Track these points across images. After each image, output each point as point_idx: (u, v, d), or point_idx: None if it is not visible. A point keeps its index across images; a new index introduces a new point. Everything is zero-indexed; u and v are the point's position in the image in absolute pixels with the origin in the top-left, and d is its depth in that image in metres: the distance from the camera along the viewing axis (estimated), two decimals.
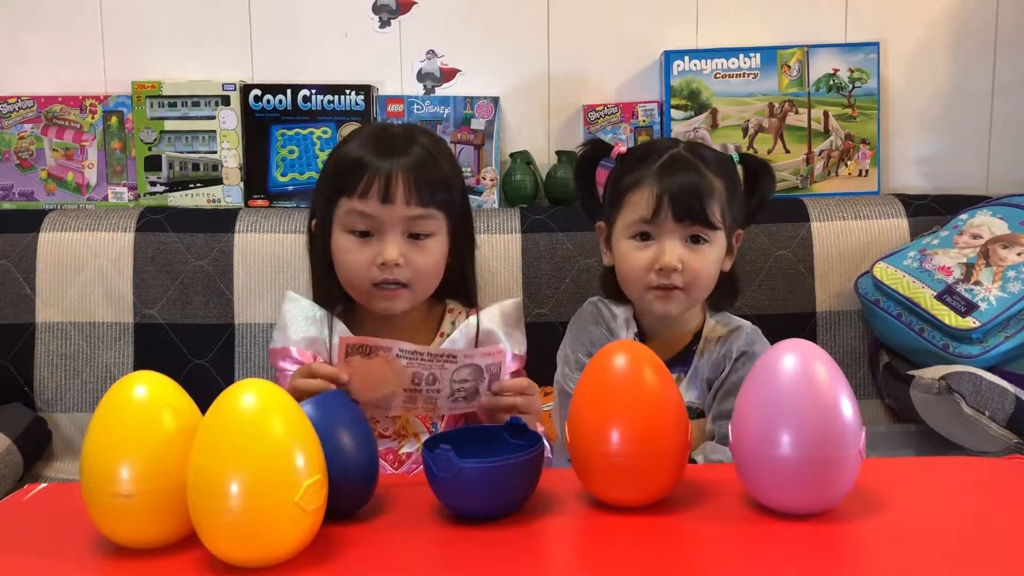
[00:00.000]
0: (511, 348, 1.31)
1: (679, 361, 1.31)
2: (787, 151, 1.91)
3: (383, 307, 1.28)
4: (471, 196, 1.89)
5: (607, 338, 1.31)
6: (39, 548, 0.85)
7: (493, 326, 1.30)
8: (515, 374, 1.33)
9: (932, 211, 1.80)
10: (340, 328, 1.29)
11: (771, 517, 0.85)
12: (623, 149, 1.34)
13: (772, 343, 0.93)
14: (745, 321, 1.35)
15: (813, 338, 1.72)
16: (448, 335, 1.32)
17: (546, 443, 1.37)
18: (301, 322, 1.29)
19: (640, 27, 1.95)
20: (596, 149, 1.37)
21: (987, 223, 1.66)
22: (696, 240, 1.25)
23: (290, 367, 1.25)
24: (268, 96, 1.91)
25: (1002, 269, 1.57)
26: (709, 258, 1.26)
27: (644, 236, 1.26)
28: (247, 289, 1.75)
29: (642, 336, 1.33)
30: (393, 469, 1.28)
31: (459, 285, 1.36)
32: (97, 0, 1.95)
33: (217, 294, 1.75)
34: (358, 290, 1.28)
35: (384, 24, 1.96)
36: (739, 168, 1.35)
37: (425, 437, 1.30)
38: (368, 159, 1.25)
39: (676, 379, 1.28)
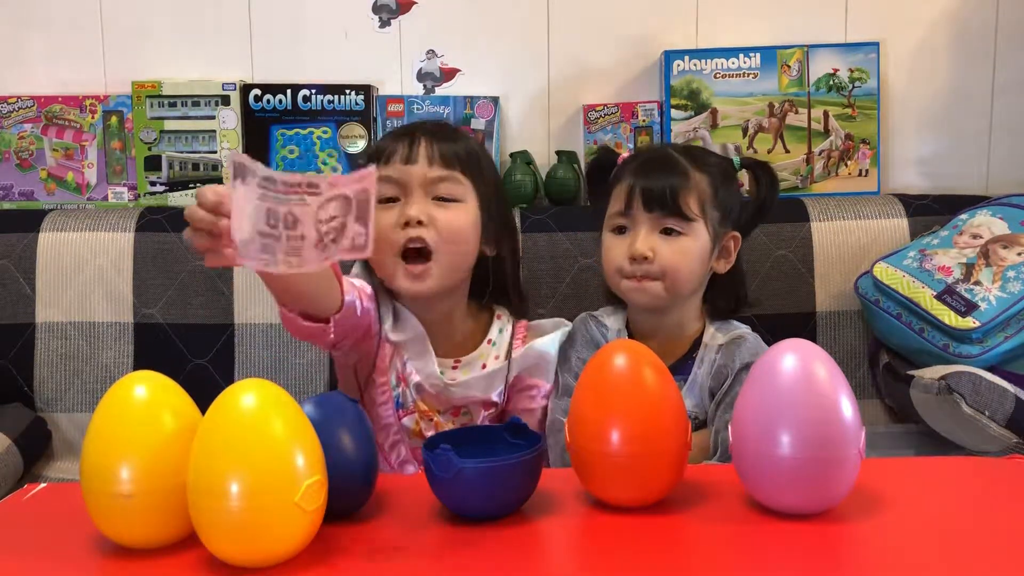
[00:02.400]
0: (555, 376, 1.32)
1: (677, 370, 1.29)
2: (787, 151, 1.91)
3: (408, 287, 1.22)
4: None
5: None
6: (39, 548, 0.85)
7: (552, 352, 1.32)
8: (547, 404, 1.33)
9: (932, 211, 1.80)
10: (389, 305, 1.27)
11: (771, 517, 0.85)
12: (626, 155, 1.36)
13: (772, 344, 0.92)
14: (747, 328, 1.33)
15: (813, 338, 1.72)
16: (495, 342, 1.32)
17: None
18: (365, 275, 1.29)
19: (640, 27, 1.95)
20: (605, 156, 1.39)
21: (987, 223, 1.66)
22: (670, 231, 1.25)
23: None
24: (268, 96, 1.91)
25: (1002, 269, 1.57)
26: (684, 249, 1.25)
27: (621, 228, 1.28)
28: (247, 289, 1.75)
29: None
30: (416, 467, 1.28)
31: (503, 290, 1.34)
32: (97, 0, 1.95)
33: (217, 294, 1.75)
34: (385, 265, 1.22)
35: (384, 24, 1.96)
36: (744, 172, 1.35)
37: None
38: (404, 129, 1.28)
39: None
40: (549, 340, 1.32)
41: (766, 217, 1.36)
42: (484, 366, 1.30)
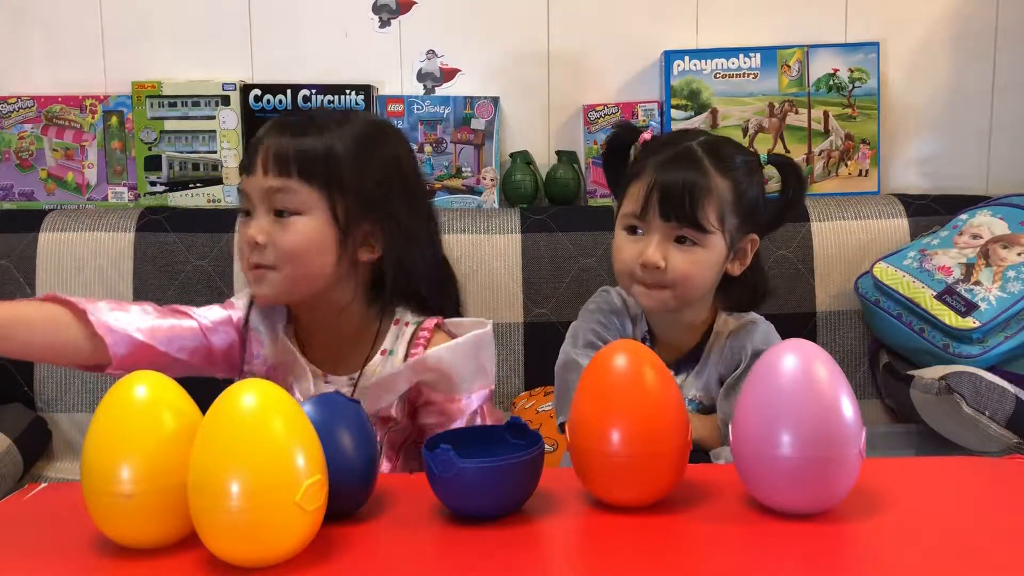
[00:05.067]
0: (475, 387, 1.16)
1: (690, 359, 1.28)
2: (787, 151, 1.91)
3: (254, 293, 1.16)
4: (471, 196, 1.90)
5: (618, 328, 1.29)
6: (39, 548, 0.85)
7: (454, 367, 1.14)
8: (477, 412, 1.18)
9: (932, 211, 1.80)
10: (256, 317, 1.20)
11: (771, 517, 0.85)
12: (649, 136, 1.29)
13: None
14: (758, 316, 1.30)
15: (813, 338, 1.72)
16: (391, 351, 1.17)
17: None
18: (242, 294, 1.23)
19: (640, 27, 1.95)
20: (625, 133, 1.32)
21: (987, 223, 1.66)
22: (684, 240, 1.20)
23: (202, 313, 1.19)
24: (268, 96, 1.91)
25: (1002, 269, 1.57)
26: (698, 260, 1.20)
27: (635, 229, 1.22)
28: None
29: (651, 333, 1.30)
30: None
31: (405, 288, 1.19)
32: (97, 0, 1.95)
33: (217, 294, 1.75)
34: (246, 277, 1.17)
35: (384, 24, 1.96)
36: (772, 170, 1.30)
37: None
38: (256, 135, 1.17)
39: (684, 378, 1.26)
40: (448, 348, 1.14)
41: (791, 217, 1.31)
42: None
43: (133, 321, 1.13)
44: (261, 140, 1.14)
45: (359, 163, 1.14)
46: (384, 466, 1.18)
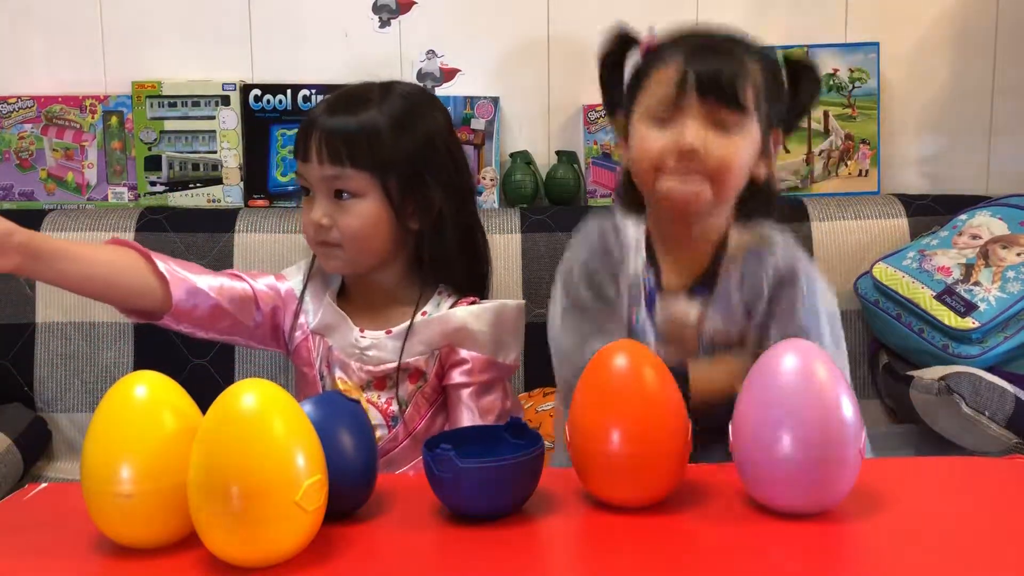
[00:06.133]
0: (498, 356, 1.28)
1: (702, 283, 1.17)
2: (787, 151, 1.91)
3: (326, 266, 1.30)
4: None
5: (612, 269, 1.17)
6: (39, 548, 0.85)
7: (479, 326, 1.26)
8: (488, 382, 1.28)
9: (932, 211, 1.80)
10: (319, 280, 1.33)
11: (771, 517, 0.85)
12: (653, 41, 1.21)
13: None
14: (770, 227, 1.20)
15: None
16: (430, 314, 1.28)
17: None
18: (293, 268, 1.36)
19: (641, 27, 1.95)
20: (622, 43, 1.24)
21: (987, 223, 1.66)
22: (721, 125, 1.09)
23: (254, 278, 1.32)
24: (268, 96, 1.91)
25: (1001, 269, 1.57)
26: (736, 148, 1.10)
27: (664, 120, 1.11)
28: None
29: (652, 259, 1.18)
30: None
31: (446, 267, 1.29)
32: (97, 0, 1.95)
33: None
34: (315, 252, 1.30)
35: (384, 24, 1.96)
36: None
37: None
38: (308, 118, 1.26)
39: (699, 305, 1.16)
40: (476, 310, 1.26)
41: (801, 121, 1.26)
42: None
43: (193, 271, 1.25)
44: (313, 126, 1.23)
45: (399, 143, 1.23)
46: (413, 423, 1.28)
